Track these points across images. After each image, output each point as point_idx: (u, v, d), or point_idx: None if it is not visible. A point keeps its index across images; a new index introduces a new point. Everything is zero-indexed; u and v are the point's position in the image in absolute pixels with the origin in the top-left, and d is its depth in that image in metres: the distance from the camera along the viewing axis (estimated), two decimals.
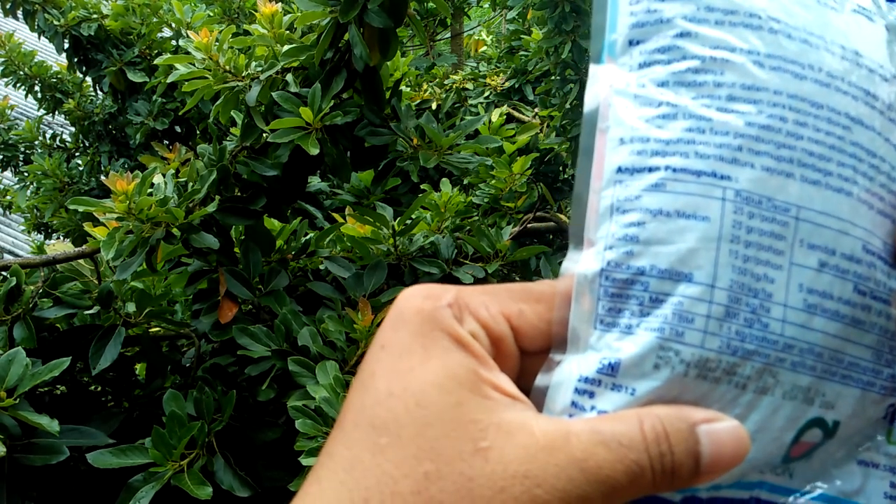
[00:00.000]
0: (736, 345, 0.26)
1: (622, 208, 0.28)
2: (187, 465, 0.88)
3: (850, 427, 0.28)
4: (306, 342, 0.93)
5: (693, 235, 0.26)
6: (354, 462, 0.25)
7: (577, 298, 0.28)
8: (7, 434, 0.85)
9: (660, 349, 0.26)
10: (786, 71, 0.27)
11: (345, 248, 1.20)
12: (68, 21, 1.65)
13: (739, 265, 0.26)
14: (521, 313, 0.28)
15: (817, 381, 0.27)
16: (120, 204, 0.88)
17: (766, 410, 0.27)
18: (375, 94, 0.94)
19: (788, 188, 0.27)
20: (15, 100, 2.48)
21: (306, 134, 0.92)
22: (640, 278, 0.27)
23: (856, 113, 0.27)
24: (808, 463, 0.29)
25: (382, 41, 0.88)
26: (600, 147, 0.29)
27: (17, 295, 1.03)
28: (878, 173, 0.28)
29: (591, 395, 0.27)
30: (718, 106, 0.27)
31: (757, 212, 0.26)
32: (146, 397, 1.16)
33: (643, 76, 0.29)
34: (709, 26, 0.28)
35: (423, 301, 0.27)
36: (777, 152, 0.27)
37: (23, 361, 0.88)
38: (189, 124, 1.73)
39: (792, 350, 0.26)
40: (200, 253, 1.05)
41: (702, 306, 0.26)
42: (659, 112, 0.28)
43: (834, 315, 0.27)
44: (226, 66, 0.98)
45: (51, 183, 1.96)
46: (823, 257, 0.27)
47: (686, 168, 0.27)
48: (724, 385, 0.26)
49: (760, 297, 0.26)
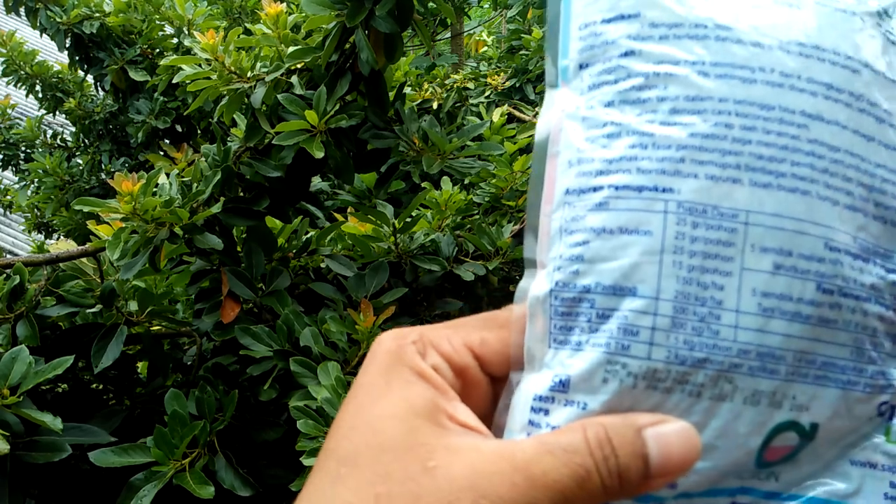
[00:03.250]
0: (684, 354, 0.26)
1: (569, 229, 0.28)
2: (189, 464, 0.89)
3: (834, 428, 0.28)
4: (308, 342, 0.94)
5: (636, 250, 0.27)
6: (317, 493, 0.27)
7: (532, 319, 0.29)
8: (10, 431, 0.86)
9: (607, 363, 0.27)
10: (733, 77, 0.27)
11: (346, 246, 1.21)
12: (70, 19, 1.65)
13: (684, 275, 0.26)
14: (483, 342, 0.29)
15: (784, 384, 0.27)
16: (125, 205, 0.88)
17: (727, 417, 0.27)
18: (379, 98, 0.95)
19: (736, 194, 0.26)
20: (16, 99, 2.48)
21: (311, 137, 0.92)
22: (587, 296, 0.27)
23: (814, 109, 0.27)
24: (796, 466, 0.28)
25: (388, 45, 0.89)
26: (551, 172, 0.30)
27: (21, 293, 1.03)
28: (843, 167, 0.27)
29: (546, 413, 0.28)
30: (662, 120, 0.28)
31: (702, 221, 0.26)
32: (148, 396, 1.16)
33: (592, 98, 0.29)
34: (653, 42, 0.28)
35: (391, 342, 0.29)
36: (722, 160, 0.27)
37: (26, 359, 0.88)
38: (190, 123, 1.73)
39: (748, 355, 0.26)
40: (203, 252, 1.05)
41: (646, 319, 0.26)
42: (604, 132, 0.29)
43: (795, 317, 0.26)
44: (231, 67, 0.98)
45: (51, 181, 1.96)
46: (778, 259, 0.26)
47: (628, 185, 0.27)
48: (677, 394, 0.26)
49: (709, 306, 0.26)
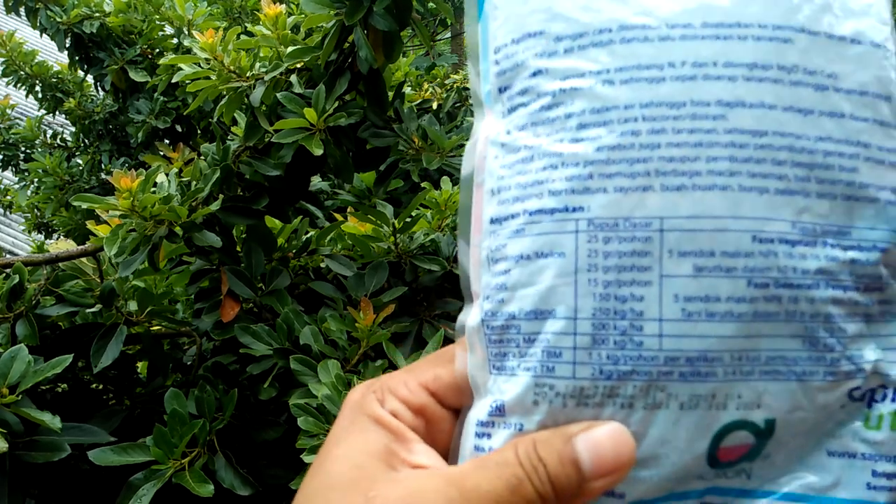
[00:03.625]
0: (609, 369, 0.26)
1: (494, 258, 0.29)
2: (188, 463, 0.89)
3: (797, 420, 0.27)
4: (308, 341, 0.93)
5: (551, 273, 0.27)
6: None
7: (471, 349, 0.30)
8: (9, 430, 0.86)
9: (535, 386, 0.27)
10: (639, 80, 0.26)
11: (346, 246, 1.21)
12: (70, 19, 1.65)
13: (600, 292, 0.26)
14: (436, 378, 0.31)
15: (724, 384, 0.26)
16: (123, 201, 0.88)
17: (664, 424, 0.26)
18: (379, 96, 0.95)
19: (648, 202, 0.26)
20: (16, 99, 2.48)
21: (310, 135, 0.92)
22: (513, 322, 0.28)
23: (732, 96, 0.26)
24: (768, 461, 0.28)
25: (387, 44, 0.89)
26: (478, 201, 0.30)
27: (20, 293, 1.03)
28: (771, 151, 0.26)
29: (489, 437, 0.29)
30: (571, 137, 0.27)
31: (613, 235, 0.26)
32: (147, 395, 1.16)
33: (510, 122, 0.29)
34: (559, 58, 0.28)
35: (356, 393, 0.31)
36: (630, 169, 0.26)
37: (25, 358, 0.88)
38: (190, 123, 1.73)
39: (677, 362, 0.26)
40: (202, 252, 1.05)
41: (567, 339, 0.26)
42: (519, 157, 0.28)
43: (726, 316, 0.26)
44: (230, 66, 0.98)
45: (51, 181, 1.96)
46: (699, 262, 0.25)
47: (540, 209, 0.27)
48: (610, 408, 0.26)
49: (629, 318, 0.26)
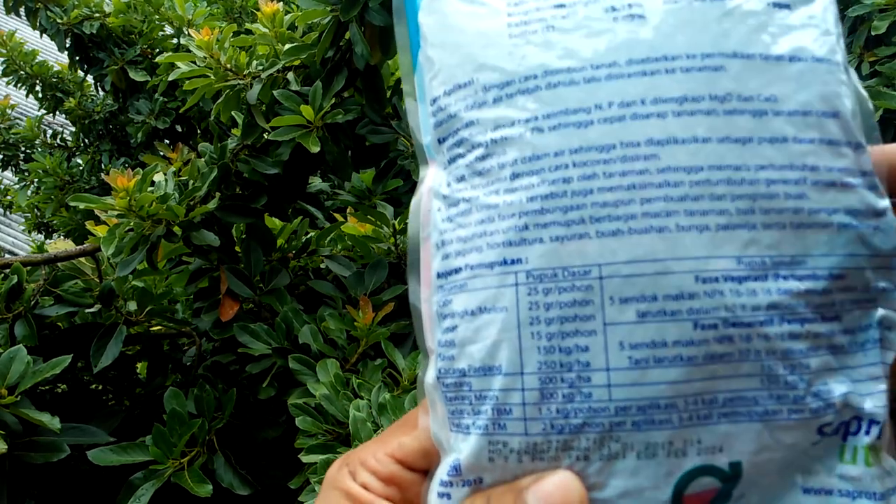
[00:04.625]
0: (560, 423, 0.25)
1: (442, 314, 0.28)
2: (188, 462, 0.88)
3: (765, 461, 0.26)
4: (307, 340, 0.93)
5: (495, 328, 0.26)
6: None
7: (432, 407, 0.29)
8: (8, 431, 0.85)
9: (489, 444, 0.27)
10: (567, 125, 0.25)
11: (346, 246, 1.20)
12: (70, 19, 1.65)
13: (544, 345, 0.25)
14: (400, 445, 0.31)
15: (681, 431, 0.25)
16: (120, 200, 0.88)
17: (624, 475, 0.26)
18: (376, 93, 0.94)
19: (586, 249, 0.25)
20: (16, 99, 2.48)
21: (307, 132, 0.92)
22: (464, 380, 0.27)
23: (663, 134, 0.25)
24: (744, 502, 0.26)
25: (383, 39, 0.88)
26: (425, 255, 0.30)
27: (19, 293, 1.03)
28: (708, 187, 0.25)
29: (448, 497, 0.28)
30: (505, 188, 0.26)
31: (553, 286, 0.25)
32: (147, 396, 1.16)
33: (450, 174, 0.29)
34: (488, 107, 0.27)
35: (332, 469, 0.32)
36: (565, 217, 0.25)
37: (24, 359, 0.88)
38: (190, 123, 1.73)
39: (628, 411, 0.25)
40: (201, 251, 1.05)
41: (515, 395, 0.26)
42: (459, 210, 0.28)
43: (676, 361, 0.25)
44: (227, 64, 0.98)
45: (51, 181, 1.96)
46: (642, 307, 0.25)
47: (481, 263, 0.27)
48: (566, 460, 0.26)
49: (576, 370, 0.25)
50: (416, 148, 0.31)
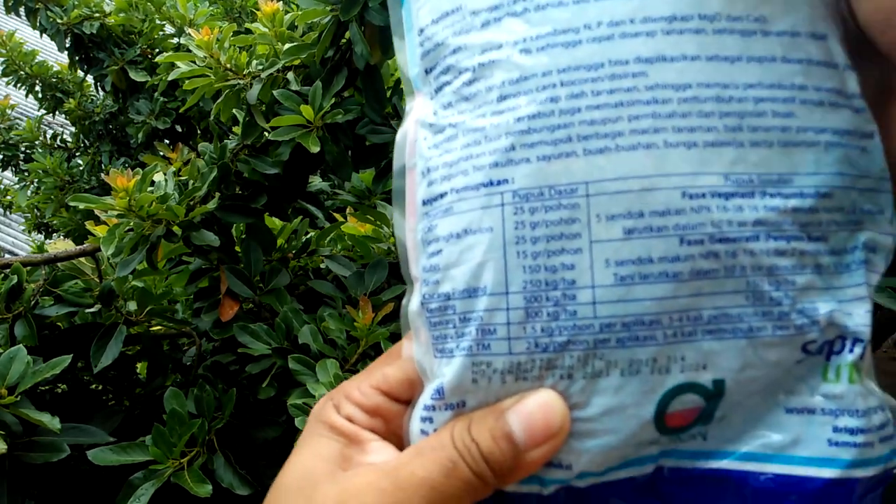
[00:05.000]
0: (545, 341, 0.26)
1: (427, 240, 0.28)
2: (187, 462, 0.88)
3: (749, 379, 0.26)
4: (307, 340, 0.93)
5: (480, 249, 0.26)
6: None
7: (416, 334, 0.30)
8: (8, 431, 0.85)
9: (472, 365, 0.27)
10: (555, 45, 0.25)
11: (346, 246, 1.20)
12: (70, 19, 1.65)
13: (529, 264, 0.25)
14: (384, 377, 0.31)
15: (665, 348, 0.25)
16: (120, 200, 0.88)
17: (607, 393, 0.26)
18: (376, 93, 0.94)
19: (572, 168, 0.25)
20: (15, 99, 2.48)
21: (307, 132, 0.92)
22: (448, 303, 0.27)
23: (652, 52, 0.25)
24: (724, 422, 0.27)
25: (383, 39, 0.88)
26: (411, 185, 0.30)
27: (19, 293, 1.03)
28: (696, 104, 0.25)
29: (431, 420, 0.29)
30: (492, 111, 0.26)
31: (539, 205, 0.25)
32: (147, 396, 1.16)
33: (437, 103, 0.29)
34: (476, 32, 0.27)
35: (316, 406, 0.32)
36: (552, 136, 0.25)
37: (24, 359, 0.88)
38: (190, 123, 1.73)
39: (613, 328, 0.25)
40: (201, 251, 1.05)
41: (500, 315, 0.26)
42: (445, 136, 0.28)
43: (661, 277, 0.25)
44: (227, 63, 0.98)
45: (51, 182, 1.96)
46: (629, 223, 0.25)
47: (467, 185, 0.27)
48: (549, 380, 0.26)
49: (561, 288, 0.25)
50: (403, 83, 0.31)
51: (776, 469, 0.26)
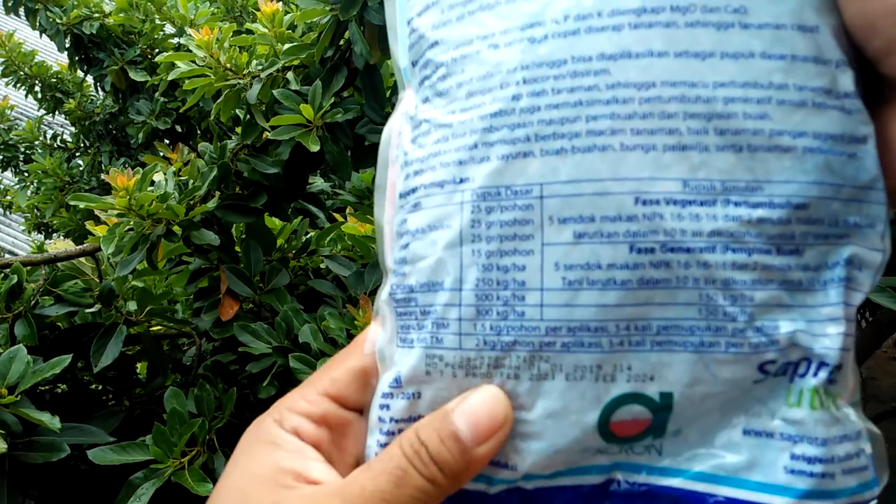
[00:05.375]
0: (493, 339, 0.26)
1: (399, 232, 0.28)
2: (188, 462, 0.88)
3: (699, 395, 0.25)
4: (307, 339, 0.93)
5: (440, 245, 0.26)
6: None
7: (383, 322, 0.30)
8: (8, 431, 0.85)
9: (427, 357, 0.27)
10: (521, 41, 0.25)
11: (346, 247, 1.20)
12: (70, 19, 1.65)
13: (483, 262, 0.25)
14: (332, 381, 0.31)
15: (610, 356, 0.24)
16: (120, 199, 0.88)
17: (552, 396, 0.25)
18: (376, 92, 0.94)
19: (529, 168, 0.24)
20: (15, 100, 2.48)
21: (307, 131, 0.92)
22: (412, 295, 0.28)
23: (616, 48, 0.23)
24: (680, 437, 0.26)
25: (383, 39, 0.88)
26: (392, 178, 0.30)
27: (19, 293, 1.03)
28: (659, 104, 0.23)
29: (388, 408, 0.29)
30: (462, 107, 0.26)
31: (496, 204, 0.25)
32: (147, 396, 1.16)
33: (419, 96, 0.29)
34: (452, 26, 0.27)
35: (255, 423, 0.31)
36: (511, 135, 0.25)
37: (24, 359, 0.88)
38: (190, 123, 1.73)
39: (558, 332, 0.24)
40: (201, 250, 1.05)
41: (453, 310, 0.26)
42: (420, 131, 0.28)
43: (608, 284, 0.24)
44: (226, 63, 0.98)
45: (51, 182, 1.96)
46: (580, 228, 0.24)
47: (433, 182, 0.27)
48: (498, 378, 0.26)
49: (511, 288, 0.25)
50: (395, 75, 0.31)
51: (728, 492, 0.25)
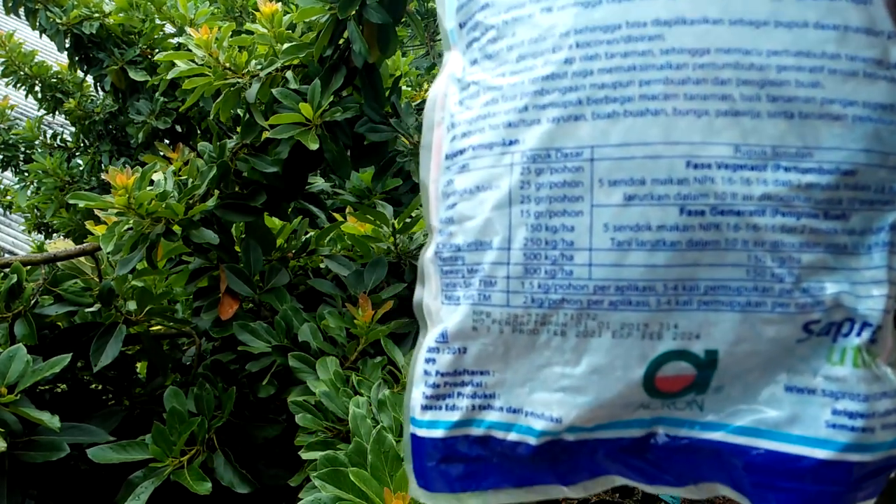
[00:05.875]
0: (540, 297, 0.27)
1: (445, 193, 0.30)
2: (187, 461, 0.88)
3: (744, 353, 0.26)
4: (307, 338, 0.93)
5: (489, 205, 0.27)
6: None
7: (427, 280, 0.31)
8: (8, 430, 0.85)
9: (473, 314, 0.28)
10: (574, 5, 0.25)
11: (345, 246, 1.20)
12: (70, 19, 1.65)
13: (532, 222, 0.26)
14: None
15: (658, 314, 0.25)
16: (119, 198, 0.88)
17: (598, 352, 0.26)
18: (375, 91, 0.94)
19: (580, 131, 0.25)
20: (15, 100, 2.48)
21: (306, 130, 0.92)
22: (459, 254, 0.29)
23: (671, 14, 0.24)
24: (722, 393, 0.27)
25: (381, 37, 0.88)
26: (438, 139, 0.31)
27: (18, 292, 1.03)
28: (713, 71, 0.24)
29: (434, 362, 0.30)
30: (511, 70, 0.27)
31: (545, 166, 0.26)
32: (147, 396, 1.16)
33: (466, 58, 0.29)
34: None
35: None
36: (563, 98, 0.25)
37: (23, 358, 0.88)
38: (190, 123, 1.73)
39: (606, 291, 0.25)
40: (201, 250, 1.05)
41: (501, 269, 0.27)
42: (469, 93, 0.29)
43: (657, 245, 0.25)
44: (226, 63, 0.98)
45: (51, 182, 1.96)
46: (630, 190, 0.25)
47: (482, 144, 0.28)
48: (544, 335, 0.27)
49: (560, 248, 0.26)
50: (441, 36, 0.32)
51: (769, 445, 0.26)
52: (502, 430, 0.29)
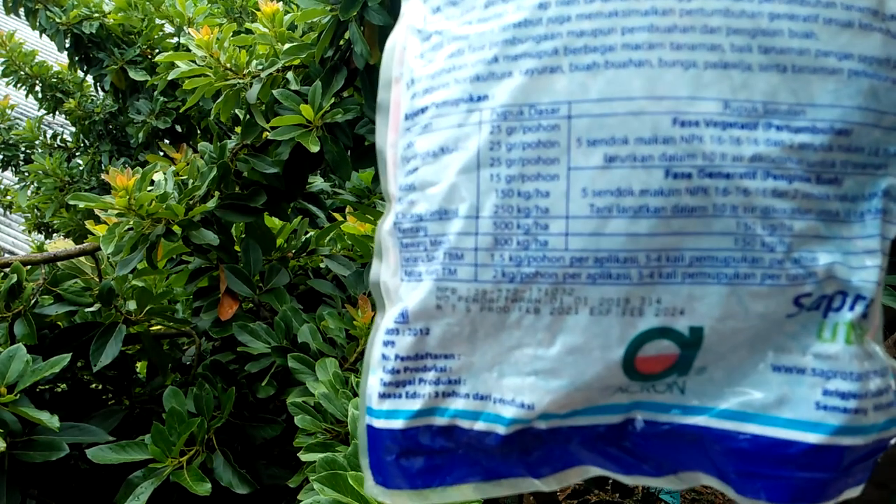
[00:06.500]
0: (512, 271, 0.24)
1: (406, 157, 0.27)
2: (187, 461, 0.88)
3: (731, 330, 0.23)
4: (306, 339, 0.93)
5: (454, 169, 0.24)
6: None
7: (385, 254, 0.28)
8: (7, 430, 0.85)
9: (437, 291, 0.25)
10: None
11: (345, 246, 1.21)
12: (70, 19, 1.65)
13: (502, 187, 0.23)
14: None
15: (639, 288, 0.23)
16: (120, 199, 0.88)
17: (574, 331, 0.24)
18: (376, 92, 0.94)
19: (555, 85, 0.22)
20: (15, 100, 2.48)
21: (307, 131, 0.92)
22: (420, 224, 0.26)
23: None
24: (704, 375, 0.25)
25: (383, 39, 0.88)
26: (396, 97, 0.28)
27: (18, 292, 1.03)
28: (701, 17, 0.22)
29: (393, 345, 0.27)
30: (479, 17, 0.24)
31: (518, 125, 0.23)
32: (147, 395, 1.16)
33: (428, 5, 0.26)
34: None
35: None
36: (537, 48, 0.23)
37: (23, 358, 0.88)
38: (190, 123, 1.73)
39: (584, 263, 0.23)
40: (201, 250, 1.05)
41: (468, 240, 0.24)
42: (431, 44, 0.26)
43: (640, 212, 0.22)
44: (226, 63, 0.98)
45: (51, 182, 1.96)
46: (611, 150, 0.22)
47: (447, 100, 0.25)
48: (515, 313, 0.24)
49: (534, 216, 0.23)
50: None
51: (755, 430, 0.24)
52: (468, 419, 0.26)
